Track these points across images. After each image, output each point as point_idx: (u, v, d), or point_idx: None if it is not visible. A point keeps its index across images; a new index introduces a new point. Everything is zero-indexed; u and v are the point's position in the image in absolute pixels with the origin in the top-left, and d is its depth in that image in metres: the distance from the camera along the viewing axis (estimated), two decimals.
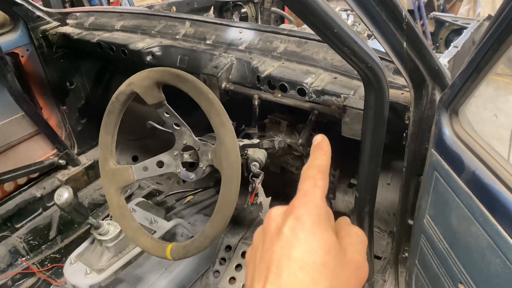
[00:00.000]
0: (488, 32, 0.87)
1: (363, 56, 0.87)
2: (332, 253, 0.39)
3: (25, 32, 1.99)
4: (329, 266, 0.38)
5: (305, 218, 0.40)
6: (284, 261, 0.38)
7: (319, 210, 0.41)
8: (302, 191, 0.42)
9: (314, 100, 1.37)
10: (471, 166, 0.95)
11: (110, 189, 1.30)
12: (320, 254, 0.38)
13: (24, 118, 2.07)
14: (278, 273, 0.38)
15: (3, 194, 2.06)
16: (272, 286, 0.38)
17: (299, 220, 0.40)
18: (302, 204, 0.41)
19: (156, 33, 1.84)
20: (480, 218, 0.92)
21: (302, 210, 0.40)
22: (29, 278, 1.99)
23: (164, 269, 1.81)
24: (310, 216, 0.40)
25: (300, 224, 0.39)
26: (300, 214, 0.40)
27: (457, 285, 1.07)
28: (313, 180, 0.43)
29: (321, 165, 0.44)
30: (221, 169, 1.14)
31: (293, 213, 0.40)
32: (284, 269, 0.38)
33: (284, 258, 0.38)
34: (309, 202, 0.41)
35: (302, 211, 0.40)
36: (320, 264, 0.38)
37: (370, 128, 1.05)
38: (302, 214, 0.40)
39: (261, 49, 1.58)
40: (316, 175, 0.43)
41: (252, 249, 0.45)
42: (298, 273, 0.37)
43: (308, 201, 0.41)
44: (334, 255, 0.39)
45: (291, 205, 0.41)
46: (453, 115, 1.05)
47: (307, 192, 0.42)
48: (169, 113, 1.22)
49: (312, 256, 0.38)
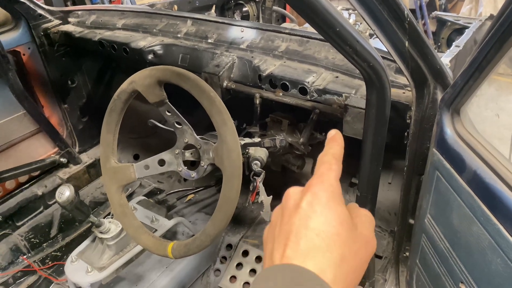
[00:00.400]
0: (490, 32, 0.87)
1: (365, 55, 0.87)
2: (345, 225, 0.43)
3: (27, 30, 1.99)
4: (342, 236, 0.42)
5: (321, 194, 0.44)
6: (302, 230, 0.42)
7: (333, 188, 0.45)
8: (319, 173, 0.47)
9: (316, 99, 1.37)
10: (473, 166, 0.95)
11: (112, 187, 1.30)
12: (334, 224, 0.43)
13: (26, 116, 2.07)
14: (297, 241, 0.42)
15: (5, 192, 2.07)
16: (291, 250, 0.42)
17: (316, 196, 0.44)
18: (319, 183, 0.46)
19: (157, 31, 1.84)
20: (482, 218, 0.92)
21: (319, 187, 0.45)
22: (30, 276, 1.99)
23: (165, 267, 1.82)
24: (325, 193, 0.44)
25: (316, 199, 0.44)
26: (316, 191, 0.45)
27: (458, 284, 1.07)
28: (328, 165, 0.47)
29: (335, 153, 0.49)
30: (222, 167, 1.14)
31: (310, 189, 0.45)
32: (302, 237, 0.42)
33: (302, 228, 0.42)
34: (325, 181, 0.46)
35: (319, 188, 0.45)
36: (334, 233, 0.42)
37: (372, 127, 1.05)
38: (319, 191, 0.45)
39: (263, 48, 1.58)
40: (331, 161, 0.48)
41: (270, 226, 0.49)
42: (315, 239, 0.41)
43: (324, 180, 0.46)
44: (347, 227, 0.44)
45: (308, 184, 0.46)
46: (454, 115, 1.05)
47: (323, 174, 0.47)
48: (170, 112, 1.22)
49: (327, 226, 0.42)
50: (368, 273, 1.51)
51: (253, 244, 1.94)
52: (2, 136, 2.02)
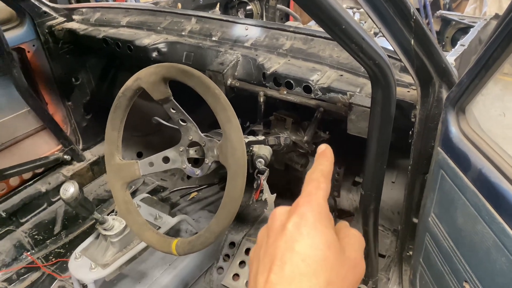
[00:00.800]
0: (496, 30, 0.87)
1: (370, 53, 0.87)
2: (332, 249, 0.42)
3: (32, 27, 2.00)
4: (329, 260, 0.41)
5: (308, 215, 0.42)
6: (287, 254, 0.40)
7: (321, 209, 0.43)
8: (306, 192, 0.45)
9: (320, 97, 1.37)
10: (478, 165, 0.95)
11: (116, 184, 1.31)
12: (321, 248, 0.41)
13: (30, 113, 2.08)
14: (281, 265, 0.40)
15: (9, 189, 2.07)
16: (275, 276, 0.40)
17: (303, 217, 0.42)
18: (306, 203, 0.44)
19: (162, 29, 1.84)
20: (486, 217, 0.92)
21: (306, 208, 0.43)
22: (33, 273, 2.00)
23: (168, 265, 1.82)
24: (313, 213, 0.43)
25: (303, 221, 0.42)
26: (303, 212, 0.43)
27: (462, 283, 1.07)
28: (317, 183, 0.46)
29: (324, 170, 0.47)
30: (227, 165, 1.14)
31: (297, 210, 0.43)
32: (287, 261, 0.40)
33: (288, 251, 0.40)
34: (312, 201, 0.44)
35: (306, 208, 0.43)
36: (321, 258, 0.40)
37: (377, 125, 1.05)
38: (306, 212, 0.43)
39: (267, 46, 1.58)
40: (320, 178, 0.46)
41: (256, 246, 0.48)
42: (300, 265, 0.39)
43: (312, 200, 0.44)
44: (334, 251, 0.42)
45: (295, 204, 0.44)
46: (460, 113, 1.05)
47: (311, 193, 0.45)
48: (175, 109, 1.23)
49: (314, 250, 0.40)
50: (372, 272, 1.51)
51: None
52: (7, 133, 2.02)
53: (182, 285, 1.85)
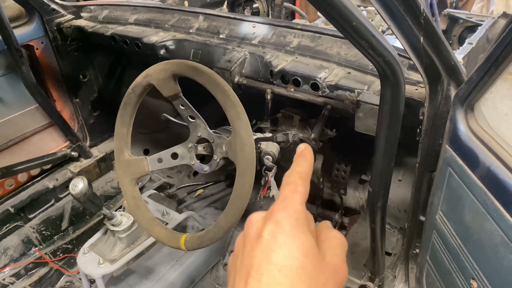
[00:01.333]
0: (506, 28, 0.87)
1: (380, 50, 0.87)
2: (310, 257, 0.40)
3: (40, 24, 2.01)
4: (307, 269, 0.39)
5: (284, 222, 0.41)
6: (264, 265, 0.39)
7: (298, 215, 0.42)
8: (282, 196, 0.43)
9: (328, 95, 1.37)
10: (486, 162, 0.95)
11: (125, 180, 1.32)
12: (298, 257, 0.39)
13: (38, 110, 2.10)
14: (258, 277, 0.38)
15: (17, 185, 2.09)
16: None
17: (279, 224, 0.41)
18: (281, 209, 0.42)
19: (169, 26, 1.85)
20: (495, 214, 0.92)
21: (281, 214, 0.41)
22: (41, 268, 2.02)
23: (175, 261, 1.83)
24: (289, 220, 0.41)
25: (279, 228, 0.40)
26: (279, 218, 0.41)
27: (469, 281, 1.07)
28: (294, 186, 0.44)
29: (302, 172, 0.46)
30: (236, 161, 1.15)
31: (272, 217, 0.41)
32: (264, 273, 0.38)
33: (264, 262, 0.39)
34: (288, 206, 0.42)
35: (281, 215, 0.41)
36: (298, 267, 0.39)
37: (386, 123, 1.05)
38: (281, 218, 0.41)
39: (275, 44, 1.58)
40: (297, 181, 0.44)
41: (234, 255, 0.46)
42: (277, 276, 0.38)
43: (287, 205, 0.42)
44: (312, 259, 0.40)
45: (271, 210, 0.43)
46: (468, 111, 1.05)
47: (287, 197, 0.43)
48: (184, 106, 1.23)
49: (290, 259, 0.39)
50: (378, 270, 1.52)
51: None
52: (15, 129, 2.04)
53: (189, 281, 1.86)
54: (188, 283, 1.86)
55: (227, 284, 1.55)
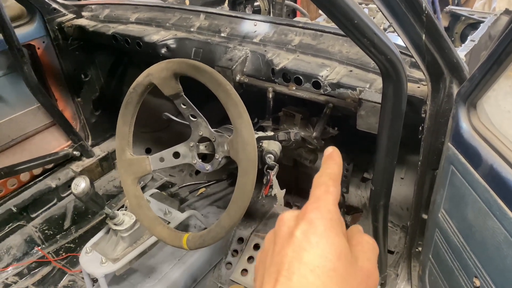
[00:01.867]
0: (509, 25, 0.86)
1: (382, 48, 0.87)
2: (343, 259, 0.39)
3: (42, 24, 2.01)
4: (339, 271, 0.38)
5: (317, 223, 0.40)
6: (295, 264, 0.38)
7: (332, 215, 0.41)
8: (315, 197, 0.43)
9: (329, 93, 1.37)
10: (489, 160, 0.94)
11: (127, 179, 1.32)
12: (331, 258, 0.38)
13: (40, 110, 2.10)
14: (289, 276, 0.38)
15: (19, 184, 2.10)
16: (282, 287, 0.38)
17: (312, 224, 0.40)
18: (315, 209, 0.41)
19: (170, 25, 1.84)
20: (497, 212, 0.92)
21: (315, 214, 0.41)
22: (44, 267, 2.03)
23: (177, 260, 1.83)
24: (322, 221, 0.40)
25: (312, 228, 0.40)
26: (312, 218, 0.40)
27: (472, 279, 1.06)
28: (325, 187, 0.43)
29: (332, 173, 0.45)
30: (238, 160, 1.15)
31: (305, 217, 0.41)
32: (295, 272, 0.38)
33: (295, 261, 0.38)
34: (322, 207, 0.41)
35: (315, 215, 0.41)
36: (330, 269, 0.38)
37: (388, 121, 1.04)
38: (315, 219, 0.40)
39: (276, 42, 1.58)
40: (328, 182, 0.44)
41: (263, 252, 0.45)
42: (308, 276, 0.37)
43: (321, 206, 0.42)
44: (345, 261, 0.39)
45: (304, 210, 0.42)
46: (471, 109, 1.05)
47: (320, 198, 0.42)
48: (186, 105, 1.23)
49: (323, 260, 0.38)
50: (380, 268, 1.52)
51: (264, 238, 1.95)
52: (17, 129, 2.05)
53: (191, 280, 1.86)
54: (190, 282, 1.86)
55: (229, 283, 1.54)
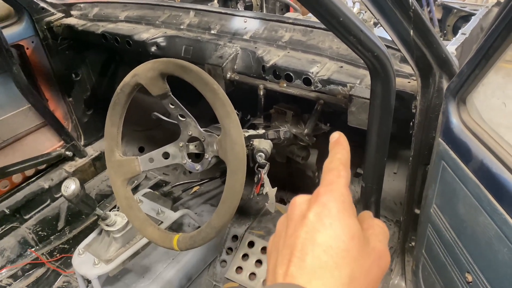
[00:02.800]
0: (497, 19, 0.85)
1: (369, 45, 0.86)
2: (356, 240, 0.40)
3: (30, 24, 1.99)
4: (352, 252, 0.39)
5: (330, 205, 0.41)
6: (309, 245, 0.39)
7: (344, 198, 0.42)
8: (327, 180, 0.43)
9: (320, 89, 1.36)
10: (479, 155, 0.94)
11: (117, 181, 1.31)
12: (344, 239, 0.39)
13: (31, 110, 2.08)
14: (302, 257, 0.38)
15: (12, 185, 2.08)
16: (295, 268, 0.38)
17: (325, 206, 0.40)
18: (328, 192, 0.42)
19: (160, 23, 1.83)
20: (488, 207, 0.92)
21: (328, 197, 0.41)
22: (38, 269, 2.02)
23: (171, 259, 1.83)
24: (335, 203, 0.41)
25: (325, 210, 0.40)
26: (325, 201, 0.41)
27: (464, 274, 1.06)
28: (337, 171, 0.44)
29: (342, 158, 0.46)
30: (226, 160, 1.14)
31: (318, 200, 0.41)
32: (308, 253, 0.38)
33: (309, 242, 0.39)
34: (335, 190, 0.42)
35: (328, 198, 0.41)
36: (343, 250, 0.38)
37: (377, 117, 1.04)
38: (328, 201, 0.41)
39: (266, 39, 1.57)
40: (339, 167, 0.44)
41: (275, 237, 0.46)
42: (322, 256, 0.38)
43: (334, 189, 0.42)
44: (358, 242, 0.40)
45: (316, 193, 0.42)
46: (460, 104, 1.04)
47: (332, 181, 0.43)
48: (174, 104, 1.22)
49: (336, 241, 0.39)
50: None
51: (258, 235, 1.95)
52: (8, 130, 2.03)
53: (186, 278, 1.86)
54: (185, 281, 1.86)
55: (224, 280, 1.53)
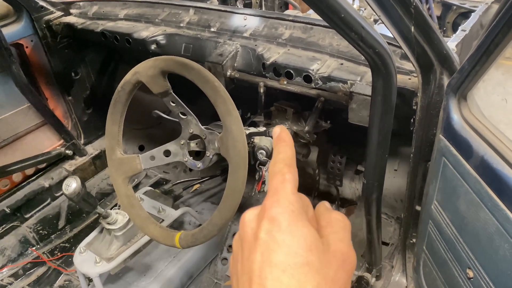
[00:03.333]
0: (498, 15, 0.85)
1: (370, 41, 0.85)
2: (314, 250, 0.37)
3: (29, 22, 1.99)
4: (313, 264, 0.36)
5: (280, 218, 0.38)
6: (266, 268, 0.36)
7: (293, 206, 0.39)
8: (272, 189, 0.40)
9: (321, 87, 1.36)
10: (480, 151, 0.94)
11: (118, 179, 1.31)
12: (301, 253, 0.36)
13: (30, 109, 2.08)
14: (262, 282, 0.36)
15: (12, 185, 2.08)
16: None
17: (274, 221, 0.38)
18: (274, 203, 0.39)
19: (160, 21, 1.82)
20: (489, 203, 0.92)
21: (275, 209, 0.38)
22: (39, 267, 2.02)
23: (172, 257, 1.83)
24: (284, 215, 0.38)
25: (275, 226, 0.37)
26: (274, 215, 0.38)
27: (466, 270, 1.07)
28: (281, 175, 0.41)
29: (286, 158, 0.43)
30: (228, 157, 1.14)
31: (266, 215, 0.38)
32: (267, 277, 0.35)
33: (265, 265, 0.36)
34: (281, 199, 0.39)
35: (275, 210, 0.38)
36: (303, 264, 0.36)
37: (378, 114, 1.04)
38: (276, 215, 0.38)
39: (266, 36, 1.57)
40: (283, 169, 0.41)
41: (233, 259, 0.43)
42: (282, 278, 0.35)
43: (280, 199, 0.39)
44: (317, 252, 0.37)
45: (263, 207, 0.39)
46: (461, 100, 1.04)
47: (277, 190, 0.40)
48: (175, 102, 1.22)
49: (293, 257, 0.36)
50: (375, 260, 1.52)
51: None
52: (8, 129, 2.03)
53: (187, 276, 1.86)
54: (186, 279, 1.86)
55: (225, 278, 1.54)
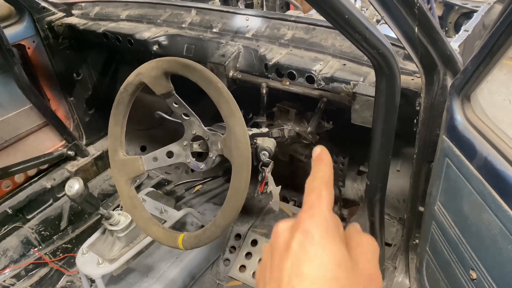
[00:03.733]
0: (502, 15, 0.85)
1: (374, 42, 0.86)
2: (343, 267, 0.38)
3: (31, 23, 1.99)
4: (341, 280, 0.37)
5: (313, 232, 0.39)
6: (295, 279, 0.37)
7: (327, 222, 0.40)
8: (308, 204, 0.42)
9: (323, 87, 1.36)
10: (483, 152, 0.94)
11: (120, 180, 1.31)
12: (330, 268, 0.37)
13: (32, 110, 2.08)
14: None
15: (14, 185, 2.08)
16: None
17: (308, 234, 0.39)
18: (309, 217, 0.40)
19: (162, 22, 1.82)
20: (492, 205, 0.92)
21: (310, 223, 0.40)
22: (42, 268, 2.02)
23: (175, 258, 1.83)
24: (318, 229, 0.39)
25: (308, 238, 0.39)
26: (308, 228, 0.39)
27: (469, 271, 1.06)
28: (318, 192, 0.42)
29: (324, 176, 0.44)
30: (231, 158, 1.14)
31: (300, 227, 0.40)
32: (295, 286, 0.37)
33: (295, 275, 0.38)
34: (316, 214, 0.40)
35: (310, 224, 0.40)
36: (331, 279, 0.37)
37: (381, 115, 1.04)
38: (310, 228, 0.39)
39: (268, 37, 1.57)
40: (321, 186, 0.43)
41: (262, 266, 0.45)
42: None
43: (315, 213, 0.40)
44: (345, 269, 0.38)
45: (298, 219, 0.41)
46: (465, 101, 1.04)
47: (313, 205, 0.41)
48: (177, 103, 1.22)
49: (323, 270, 0.37)
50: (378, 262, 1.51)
51: (261, 234, 1.95)
52: (10, 130, 2.03)
53: (189, 277, 1.86)
54: (189, 280, 1.86)
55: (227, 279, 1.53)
